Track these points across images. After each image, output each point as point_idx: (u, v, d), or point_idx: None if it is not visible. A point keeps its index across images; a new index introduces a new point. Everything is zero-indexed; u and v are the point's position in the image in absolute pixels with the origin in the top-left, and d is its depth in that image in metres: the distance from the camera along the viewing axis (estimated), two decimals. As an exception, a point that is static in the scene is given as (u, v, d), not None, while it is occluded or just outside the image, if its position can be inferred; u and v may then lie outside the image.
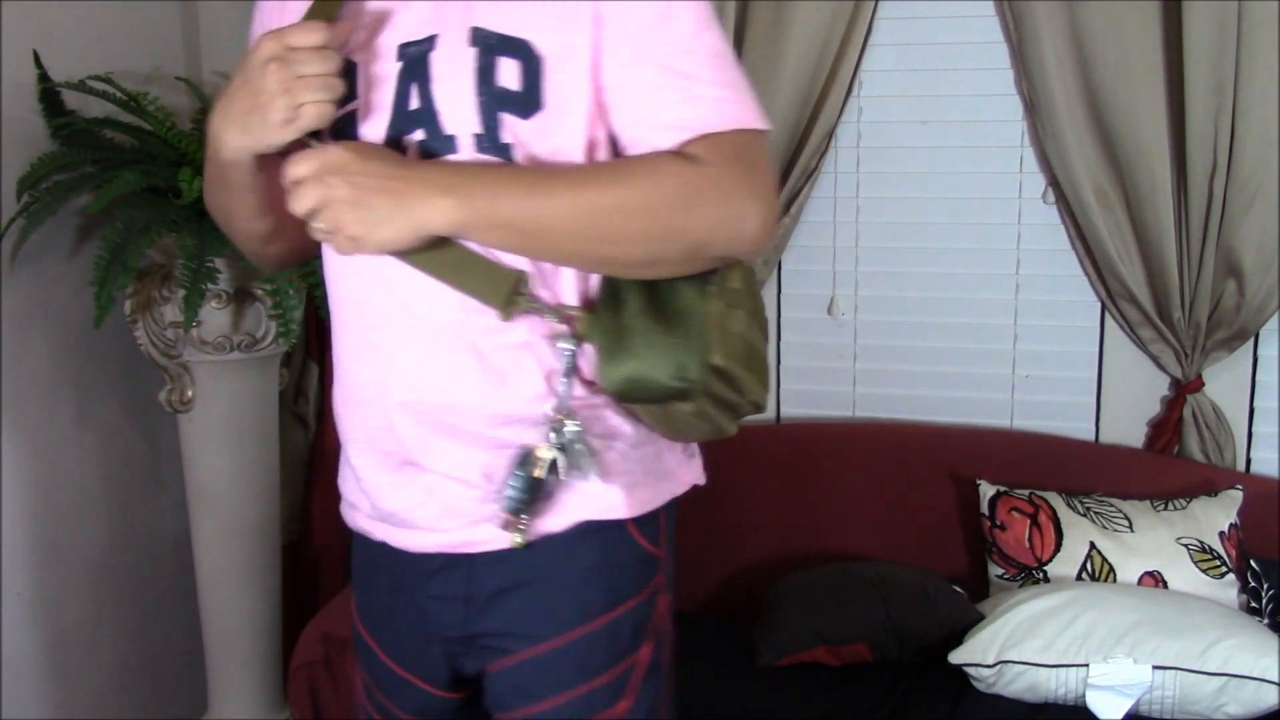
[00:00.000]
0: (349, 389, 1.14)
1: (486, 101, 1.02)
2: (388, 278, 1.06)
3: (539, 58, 1.02)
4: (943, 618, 2.02)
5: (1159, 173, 2.15)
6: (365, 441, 1.14)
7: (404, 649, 1.20)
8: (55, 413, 2.12)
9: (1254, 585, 2.08)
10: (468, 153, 1.03)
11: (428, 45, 1.04)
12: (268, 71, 0.98)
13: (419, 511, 1.12)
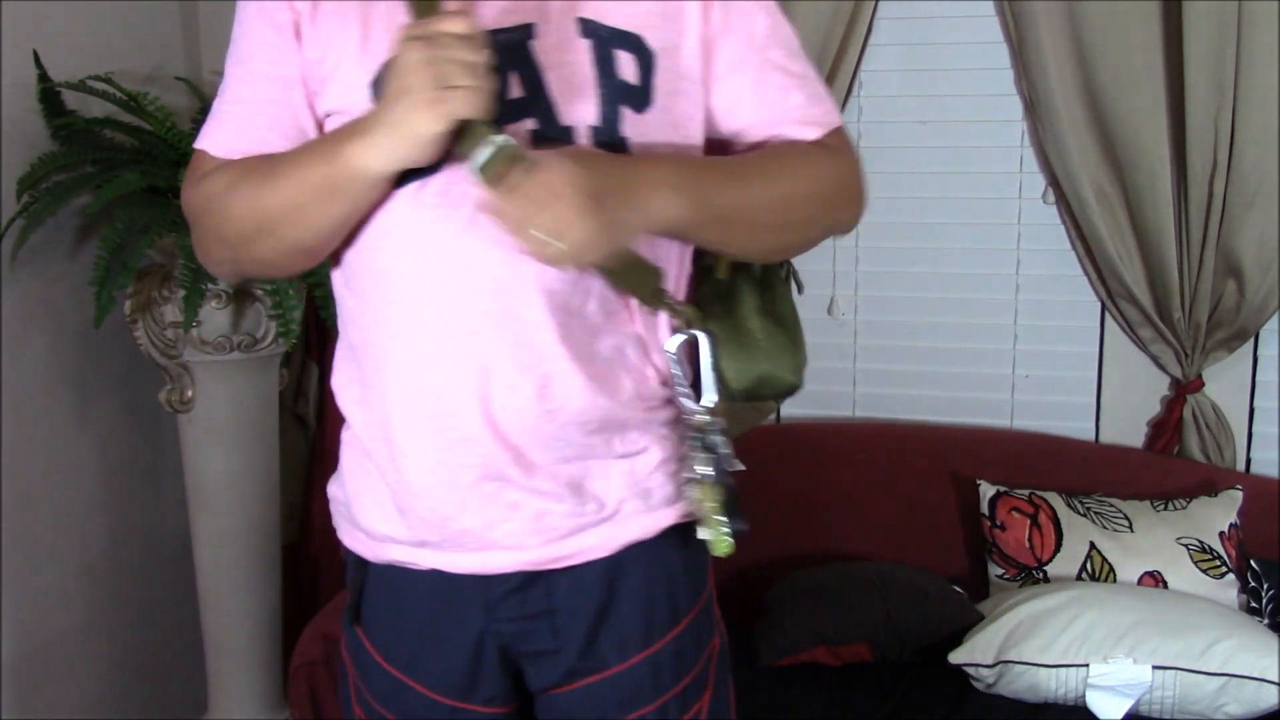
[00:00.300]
0: (419, 399, 1.03)
1: (607, 94, 1.01)
2: (491, 278, 0.99)
3: (651, 53, 1.02)
4: (943, 618, 2.02)
5: (1159, 173, 2.15)
6: (433, 457, 1.04)
7: (456, 678, 1.13)
8: (55, 413, 2.12)
9: (1254, 585, 2.08)
10: (583, 144, 1.01)
11: (523, 34, 1.00)
12: (411, 51, 0.91)
13: (499, 529, 1.06)
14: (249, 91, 1.09)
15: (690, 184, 0.99)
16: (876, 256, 2.45)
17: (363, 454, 1.12)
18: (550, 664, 1.12)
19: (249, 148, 1.07)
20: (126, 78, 2.17)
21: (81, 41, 2.12)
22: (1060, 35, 2.15)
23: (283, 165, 1.02)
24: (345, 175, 0.97)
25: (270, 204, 1.02)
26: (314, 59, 1.04)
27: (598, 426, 1.05)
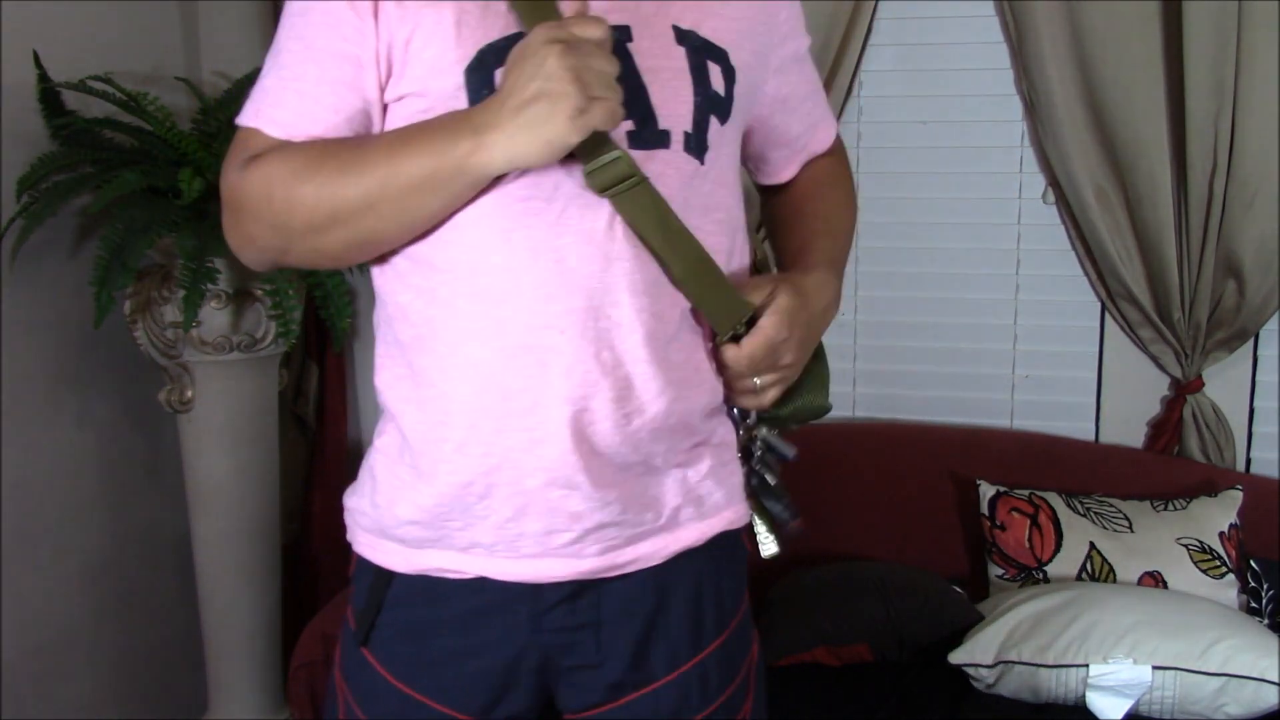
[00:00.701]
0: (490, 398, 0.99)
1: (701, 102, 1.01)
2: (583, 275, 0.97)
3: (734, 68, 1.04)
4: (943, 618, 2.02)
5: (1159, 173, 2.15)
6: (501, 457, 1.00)
7: (480, 693, 1.08)
8: (55, 413, 2.12)
9: (1254, 585, 2.08)
10: (676, 149, 1.00)
11: (621, 35, 0.97)
12: (553, 55, 0.87)
13: (560, 537, 1.02)
14: (315, 70, 1.00)
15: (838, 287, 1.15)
16: (876, 256, 2.45)
17: (403, 457, 1.06)
18: (590, 679, 1.09)
19: (311, 129, 1.00)
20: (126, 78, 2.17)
21: (81, 41, 2.12)
22: (1060, 35, 2.15)
23: (373, 154, 0.96)
24: (454, 171, 0.93)
25: (353, 194, 0.96)
26: (399, 39, 0.97)
27: (668, 433, 1.03)
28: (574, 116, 0.88)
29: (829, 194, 1.24)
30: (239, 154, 1.03)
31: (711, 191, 1.04)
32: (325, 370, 2.55)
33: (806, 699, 1.96)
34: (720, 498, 1.10)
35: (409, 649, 1.09)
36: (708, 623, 1.11)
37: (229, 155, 1.04)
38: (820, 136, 1.25)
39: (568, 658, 1.08)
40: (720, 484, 1.10)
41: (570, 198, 0.96)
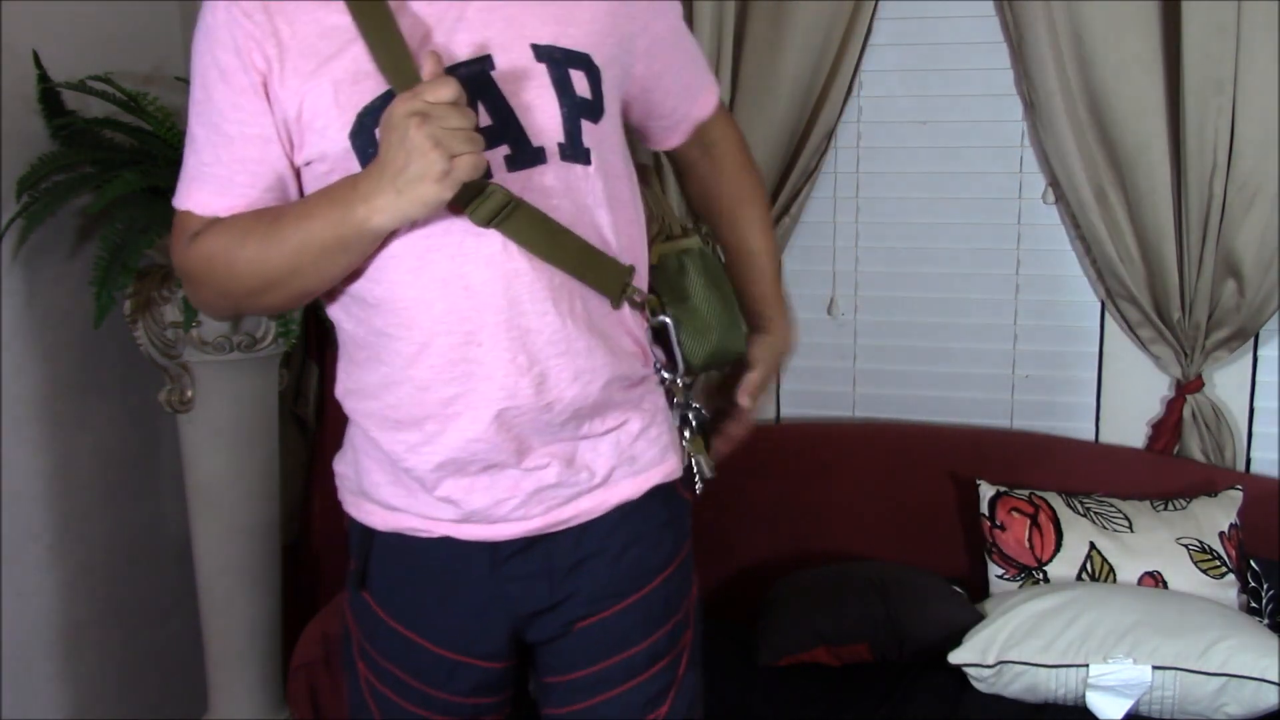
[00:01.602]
0: (428, 407, 1.13)
1: (569, 111, 1.10)
2: (487, 294, 1.08)
3: (598, 69, 1.12)
4: (943, 618, 2.02)
5: (1159, 173, 2.15)
6: (443, 455, 1.14)
7: (460, 634, 1.23)
8: (55, 413, 2.12)
9: (1254, 585, 2.08)
10: (554, 162, 1.10)
11: (483, 65, 1.07)
12: (412, 127, 0.97)
13: (504, 506, 1.17)
14: (226, 153, 1.12)
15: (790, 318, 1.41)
16: (876, 256, 2.45)
17: (371, 449, 1.22)
18: (549, 618, 1.23)
19: (235, 204, 1.13)
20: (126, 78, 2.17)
21: (81, 41, 2.12)
22: (1060, 35, 2.15)
23: (287, 225, 1.08)
24: (354, 234, 1.05)
25: (277, 262, 1.09)
26: (291, 114, 1.09)
27: (589, 411, 1.16)
28: (440, 179, 0.99)
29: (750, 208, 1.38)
30: (181, 233, 1.16)
31: (607, 186, 1.15)
32: (325, 370, 2.55)
33: (806, 699, 1.96)
34: (653, 455, 1.23)
35: (397, 595, 1.25)
36: (649, 564, 1.25)
37: (174, 234, 1.18)
38: (701, 104, 1.33)
39: (527, 603, 1.22)
40: (652, 443, 1.23)
41: (465, 231, 1.07)
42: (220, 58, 1.09)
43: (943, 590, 2.09)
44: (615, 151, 1.18)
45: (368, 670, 1.29)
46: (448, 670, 1.24)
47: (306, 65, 1.07)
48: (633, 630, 1.24)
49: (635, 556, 1.23)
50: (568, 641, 1.24)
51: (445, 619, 1.23)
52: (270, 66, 1.08)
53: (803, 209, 2.41)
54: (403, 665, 1.26)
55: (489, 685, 1.27)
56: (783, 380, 2.56)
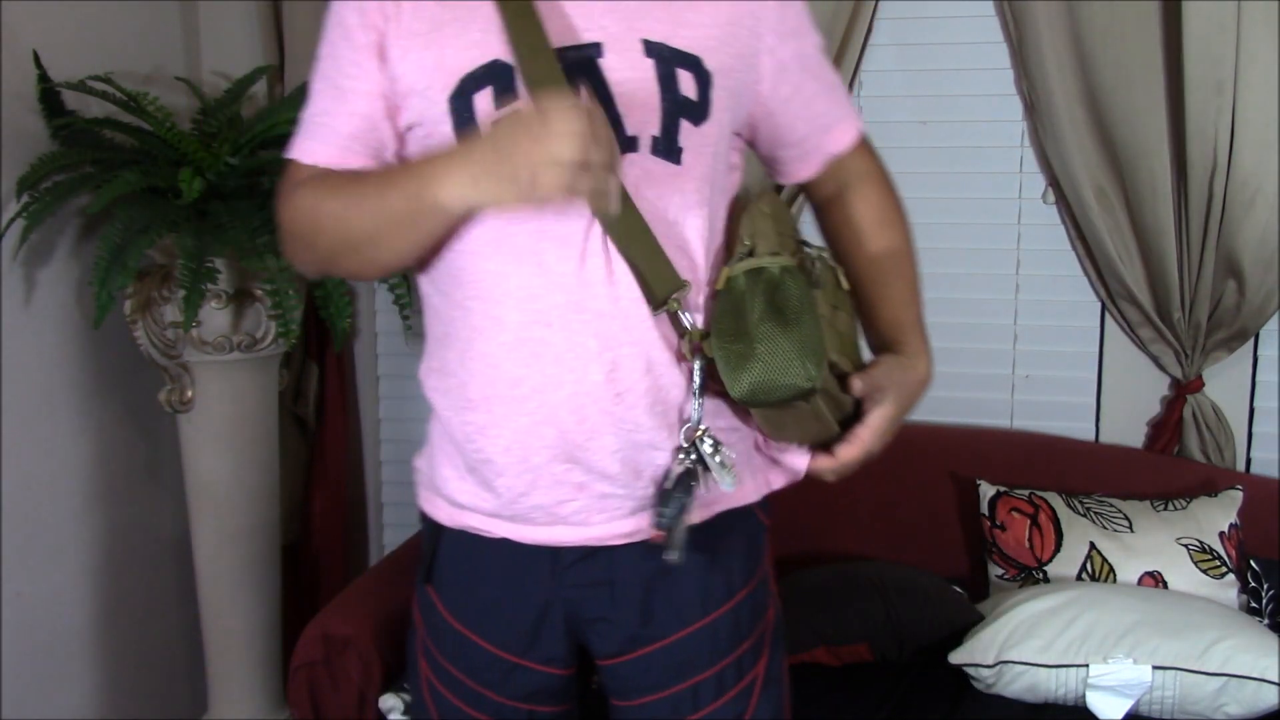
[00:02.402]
0: (498, 386, 1.12)
1: (670, 108, 1.11)
2: (560, 274, 1.09)
3: (709, 73, 1.13)
4: (943, 618, 2.02)
5: (1159, 173, 2.15)
6: (510, 439, 1.13)
7: (518, 636, 1.22)
8: (55, 413, 2.12)
9: (1254, 585, 2.08)
10: (644, 153, 1.10)
11: (593, 51, 1.10)
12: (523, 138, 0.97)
13: (567, 506, 1.15)
14: (336, 106, 1.16)
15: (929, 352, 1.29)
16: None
17: (444, 436, 1.20)
18: (609, 631, 1.21)
19: (334, 156, 1.16)
20: (126, 78, 2.17)
21: (81, 41, 2.13)
22: (1060, 35, 2.15)
23: (369, 191, 1.10)
24: (426, 209, 1.05)
25: (356, 225, 1.11)
26: (398, 75, 1.12)
27: (662, 409, 1.12)
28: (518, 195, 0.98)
29: (889, 235, 1.30)
30: (286, 183, 1.19)
31: (699, 190, 1.14)
32: (325, 370, 2.55)
33: (806, 699, 1.96)
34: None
35: (459, 592, 1.24)
36: (716, 589, 1.21)
37: (281, 183, 1.20)
38: (836, 137, 1.29)
39: (587, 610, 1.20)
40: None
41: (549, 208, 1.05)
42: (345, 16, 1.15)
43: (943, 590, 2.09)
44: (716, 160, 1.16)
45: (428, 667, 1.28)
46: (504, 672, 1.23)
47: (421, 28, 1.11)
48: (698, 657, 1.20)
49: (702, 581, 1.20)
50: (632, 665, 1.22)
51: (504, 620, 1.22)
52: (388, 26, 1.12)
53: (802, 209, 2.41)
54: (460, 664, 1.25)
55: (547, 692, 1.25)
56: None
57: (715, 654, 1.21)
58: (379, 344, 2.67)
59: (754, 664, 1.23)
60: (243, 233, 1.96)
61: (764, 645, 1.25)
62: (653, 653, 1.20)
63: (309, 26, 2.37)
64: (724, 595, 1.21)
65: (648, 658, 1.21)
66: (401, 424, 2.69)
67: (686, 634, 1.20)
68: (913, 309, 1.29)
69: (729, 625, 1.21)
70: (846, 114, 1.29)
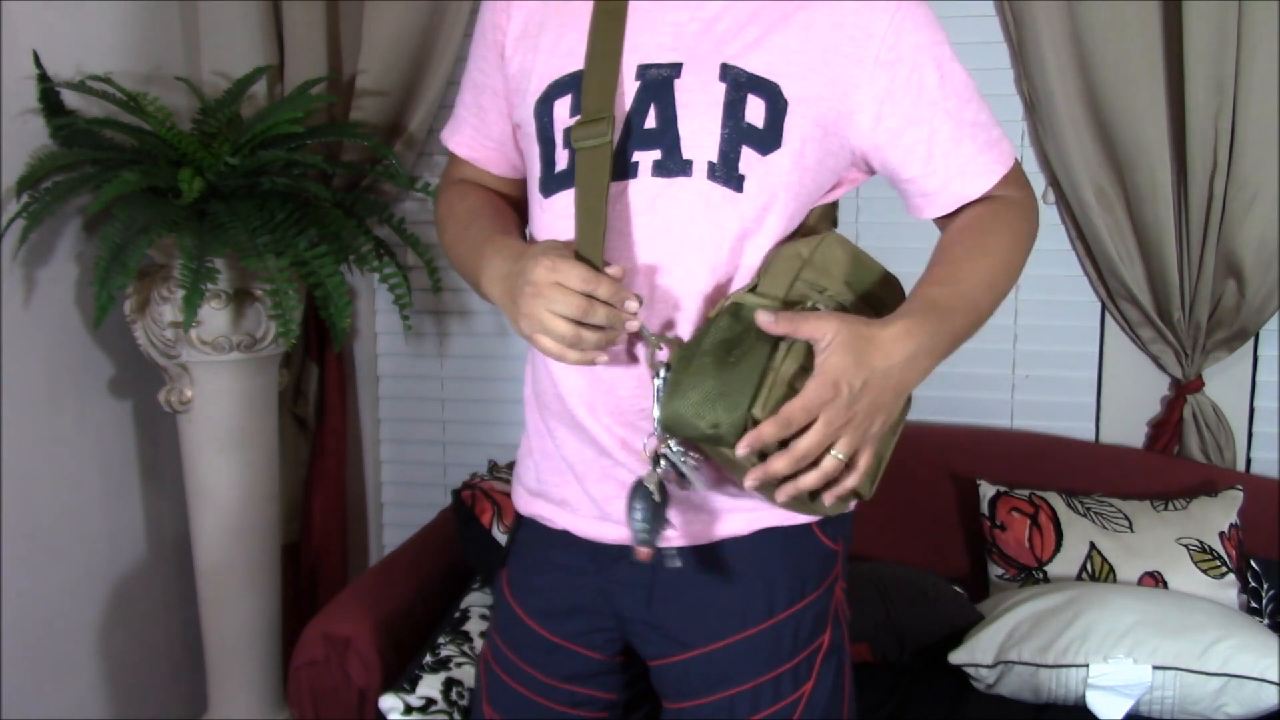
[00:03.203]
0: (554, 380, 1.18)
1: (730, 134, 1.09)
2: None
3: (785, 101, 1.10)
4: (943, 618, 2.02)
5: (1159, 173, 2.15)
6: (565, 433, 1.19)
7: (563, 619, 1.26)
8: (55, 413, 2.12)
9: (1254, 585, 2.08)
10: (699, 179, 1.10)
11: (671, 71, 1.11)
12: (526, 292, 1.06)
13: (613, 504, 1.17)
14: (470, 98, 1.30)
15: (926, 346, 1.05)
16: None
17: (530, 414, 1.27)
18: (648, 633, 1.22)
19: (464, 146, 1.33)
20: (126, 78, 2.17)
21: (81, 41, 2.12)
22: (1060, 35, 2.15)
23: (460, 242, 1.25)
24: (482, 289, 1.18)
25: (453, 257, 1.28)
26: (508, 75, 1.23)
27: None
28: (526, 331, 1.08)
29: (969, 237, 1.15)
30: (448, 170, 1.37)
31: (755, 218, 1.11)
32: (325, 370, 2.55)
33: (806, 699, 1.96)
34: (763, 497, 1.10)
35: (522, 576, 1.30)
36: (755, 606, 1.19)
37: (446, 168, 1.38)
38: (957, 189, 1.16)
39: (627, 609, 1.22)
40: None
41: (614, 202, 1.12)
42: (483, 14, 1.25)
43: (943, 590, 2.09)
44: (796, 192, 1.12)
45: (488, 645, 1.34)
46: (546, 650, 1.27)
47: (532, 31, 1.19)
48: (735, 671, 1.19)
49: (741, 595, 1.19)
50: (672, 669, 1.22)
51: (553, 603, 1.26)
52: (510, 28, 1.21)
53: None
54: (509, 641, 1.30)
55: (589, 676, 1.27)
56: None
57: (753, 670, 1.19)
58: (379, 344, 2.67)
59: (796, 687, 1.20)
60: (243, 233, 1.96)
61: (811, 669, 1.21)
62: (690, 660, 1.20)
63: (309, 26, 2.37)
64: (764, 613, 1.19)
65: (686, 664, 1.21)
66: (401, 424, 2.69)
67: (722, 645, 1.19)
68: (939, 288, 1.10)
69: (769, 643, 1.19)
70: (986, 158, 1.15)
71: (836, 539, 1.23)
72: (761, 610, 1.19)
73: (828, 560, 1.22)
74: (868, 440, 1.04)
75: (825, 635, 1.22)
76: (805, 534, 1.20)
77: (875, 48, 1.11)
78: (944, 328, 1.06)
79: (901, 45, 1.12)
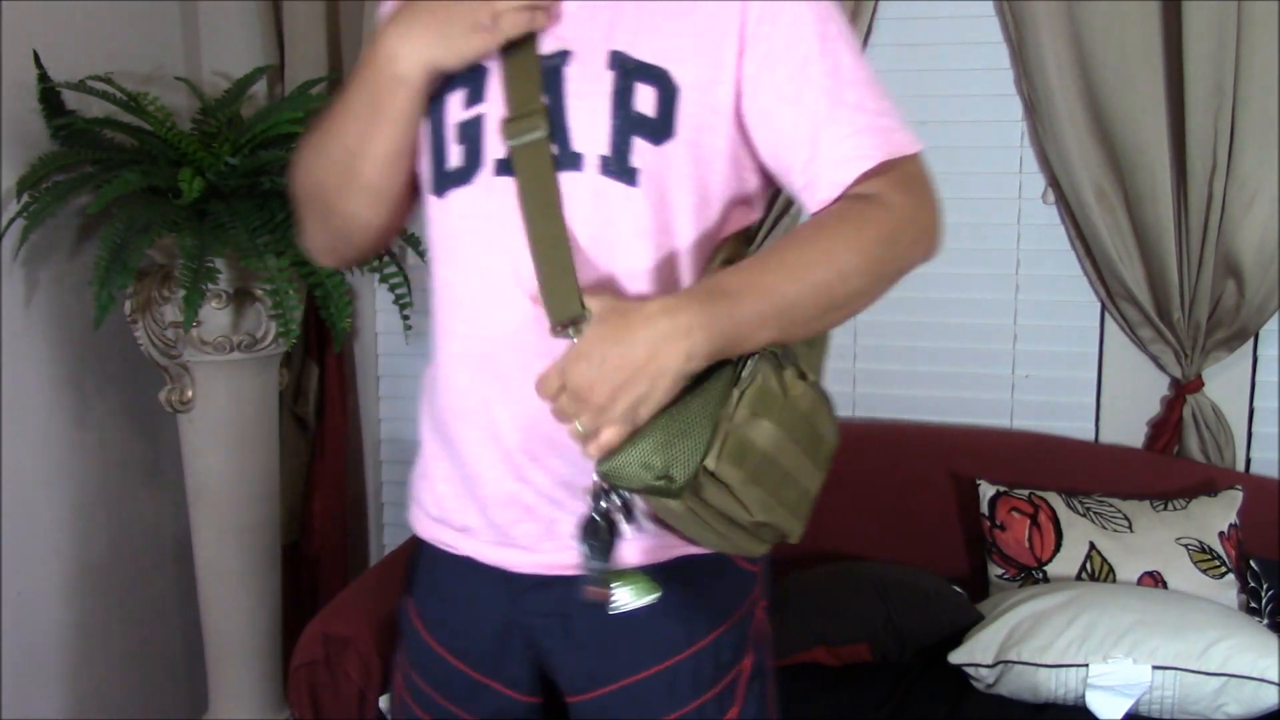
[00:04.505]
0: (453, 398, 1.11)
1: (620, 125, 1.03)
2: (503, 287, 1.05)
3: (676, 87, 1.04)
4: (943, 618, 2.02)
5: (1159, 173, 2.15)
6: (467, 452, 1.11)
7: (485, 657, 1.20)
8: (55, 413, 2.12)
9: (1254, 585, 2.08)
10: (591, 173, 1.03)
11: (561, 60, 1.06)
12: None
13: (518, 529, 1.12)
14: None
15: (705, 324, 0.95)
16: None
17: (426, 436, 1.19)
18: (565, 665, 1.18)
19: None
20: (126, 78, 2.17)
21: (81, 41, 2.13)
22: (1060, 35, 2.15)
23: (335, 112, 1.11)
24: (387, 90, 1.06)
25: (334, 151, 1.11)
26: None
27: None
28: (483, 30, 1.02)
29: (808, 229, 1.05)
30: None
31: (650, 214, 1.04)
32: (325, 370, 2.55)
33: (806, 699, 1.96)
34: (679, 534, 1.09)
35: (434, 608, 1.23)
36: (674, 635, 1.14)
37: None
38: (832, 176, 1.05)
39: (544, 641, 1.17)
40: None
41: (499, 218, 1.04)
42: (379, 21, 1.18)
43: (943, 590, 2.09)
44: (690, 185, 1.06)
45: (402, 679, 1.28)
46: (470, 689, 1.21)
47: None
48: (655, 702, 1.15)
49: (660, 625, 1.13)
50: (592, 704, 1.17)
51: (471, 638, 1.20)
52: None
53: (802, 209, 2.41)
54: (430, 679, 1.23)
55: (513, 716, 1.22)
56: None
57: (677, 700, 1.15)
58: (379, 344, 2.67)
59: (722, 713, 1.17)
60: (243, 233, 1.96)
61: (735, 694, 1.17)
62: (610, 694, 1.15)
63: (309, 26, 2.38)
64: (684, 642, 1.14)
65: (605, 699, 1.16)
66: (401, 424, 2.69)
67: (642, 678, 1.14)
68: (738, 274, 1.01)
69: (689, 672, 1.15)
70: (860, 138, 1.05)
71: (755, 560, 1.19)
72: (681, 639, 1.14)
73: (746, 583, 1.19)
74: (614, 417, 0.94)
75: (747, 659, 1.19)
76: (722, 559, 1.14)
77: (755, 25, 1.04)
78: (721, 312, 0.95)
79: (780, 19, 1.04)
